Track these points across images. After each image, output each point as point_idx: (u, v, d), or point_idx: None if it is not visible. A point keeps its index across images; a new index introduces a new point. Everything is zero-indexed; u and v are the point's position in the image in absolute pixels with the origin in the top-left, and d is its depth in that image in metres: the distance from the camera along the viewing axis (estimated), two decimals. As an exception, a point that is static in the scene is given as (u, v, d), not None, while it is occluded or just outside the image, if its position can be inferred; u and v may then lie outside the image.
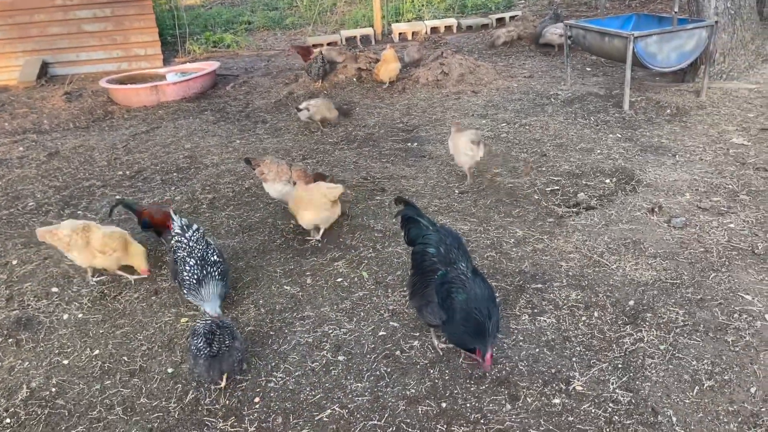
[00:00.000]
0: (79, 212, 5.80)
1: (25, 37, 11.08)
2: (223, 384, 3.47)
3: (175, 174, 6.60)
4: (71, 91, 9.96)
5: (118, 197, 5.96)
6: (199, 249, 4.00)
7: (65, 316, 4.26)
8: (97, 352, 3.89)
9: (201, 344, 3.34)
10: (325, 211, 4.74)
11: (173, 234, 4.11)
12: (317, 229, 4.96)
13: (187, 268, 3.92)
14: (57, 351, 3.93)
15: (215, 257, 4.03)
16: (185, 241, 4.02)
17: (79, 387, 3.61)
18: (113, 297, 4.44)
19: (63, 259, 4.95)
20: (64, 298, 4.47)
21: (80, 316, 4.26)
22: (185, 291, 3.97)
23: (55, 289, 4.58)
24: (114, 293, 4.48)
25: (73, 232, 4.40)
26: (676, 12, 7.10)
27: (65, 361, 3.83)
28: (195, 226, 4.13)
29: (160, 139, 7.75)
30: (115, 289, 4.53)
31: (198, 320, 3.83)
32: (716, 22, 7.35)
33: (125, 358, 3.82)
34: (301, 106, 7.55)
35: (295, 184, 5.09)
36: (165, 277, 4.62)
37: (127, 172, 6.73)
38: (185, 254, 3.97)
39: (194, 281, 3.88)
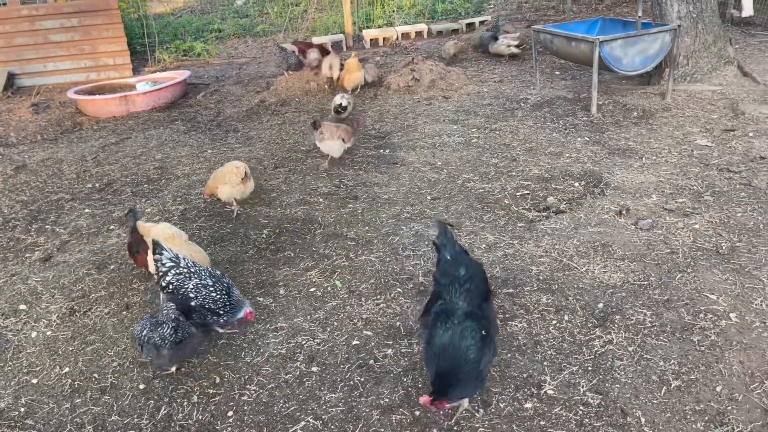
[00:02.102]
0: (47, 227, 5.72)
1: (-10, 48, 10.91)
2: (173, 370, 3.70)
3: (145, 185, 6.54)
4: (38, 102, 9.81)
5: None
6: (203, 270, 3.88)
7: (34, 334, 4.20)
8: (66, 369, 3.84)
9: (167, 332, 3.48)
10: (237, 185, 5.43)
11: (163, 271, 3.81)
12: (235, 201, 5.64)
13: (211, 289, 3.79)
14: (26, 370, 3.87)
15: (219, 272, 3.98)
16: (185, 270, 3.83)
17: (48, 406, 3.56)
18: (83, 313, 4.39)
19: (30, 276, 4.88)
20: (32, 315, 4.40)
21: (49, 333, 4.20)
22: (222, 312, 3.79)
23: (23, 307, 4.50)
24: (84, 309, 4.43)
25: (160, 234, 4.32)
26: (640, 16, 7.23)
27: (34, 380, 3.77)
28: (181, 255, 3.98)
29: (130, 150, 7.67)
30: (84, 305, 4.47)
31: (147, 314, 3.81)
32: (679, 25, 7.51)
33: (96, 375, 3.78)
34: (344, 104, 7.67)
35: (344, 140, 6.40)
36: (136, 291, 4.58)
37: (97, 185, 6.65)
38: (198, 280, 3.79)
39: (225, 296, 3.79)
